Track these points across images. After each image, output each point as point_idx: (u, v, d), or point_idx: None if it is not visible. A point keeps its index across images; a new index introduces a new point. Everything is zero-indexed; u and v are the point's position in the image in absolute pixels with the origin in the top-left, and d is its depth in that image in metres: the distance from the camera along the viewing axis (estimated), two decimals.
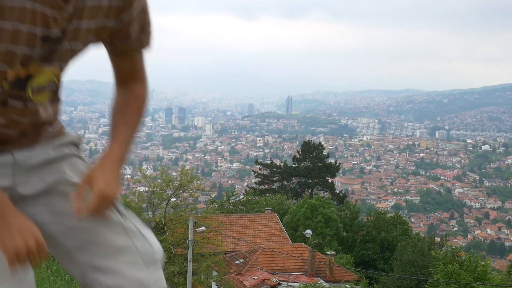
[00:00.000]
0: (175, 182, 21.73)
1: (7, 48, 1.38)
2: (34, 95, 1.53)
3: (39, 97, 1.56)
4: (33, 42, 1.41)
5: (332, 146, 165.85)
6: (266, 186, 47.35)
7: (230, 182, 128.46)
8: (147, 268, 1.57)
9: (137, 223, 1.65)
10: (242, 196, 43.22)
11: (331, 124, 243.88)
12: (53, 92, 1.64)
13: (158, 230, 20.44)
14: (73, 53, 1.55)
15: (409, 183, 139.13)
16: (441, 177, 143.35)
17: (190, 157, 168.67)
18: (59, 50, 1.49)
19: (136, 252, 1.58)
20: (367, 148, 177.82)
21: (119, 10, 1.53)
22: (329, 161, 49.85)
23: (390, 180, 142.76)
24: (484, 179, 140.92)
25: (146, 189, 21.70)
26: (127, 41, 1.61)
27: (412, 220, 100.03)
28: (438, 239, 36.10)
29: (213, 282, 22.16)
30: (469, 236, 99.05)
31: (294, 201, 41.43)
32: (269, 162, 50.64)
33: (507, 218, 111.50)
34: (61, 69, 1.57)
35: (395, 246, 33.14)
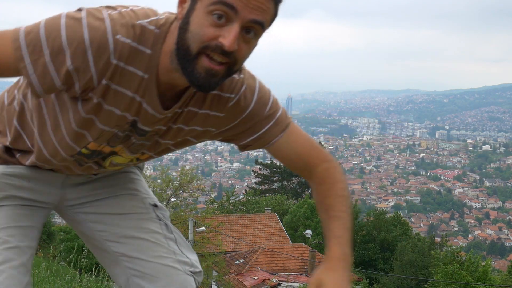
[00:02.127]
0: (175, 182, 21.73)
1: (99, 125, 1.46)
2: (110, 166, 1.64)
3: (115, 167, 1.67)
4: (122, 126, 1.47)
5: (332, 146, 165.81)
6: (266, 186, 47.32)
7: (230, 182, 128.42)
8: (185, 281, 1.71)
9: (181, 241, 1.78)
10: (242, 196, 43.21)
11: (331, 124, 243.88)
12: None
13: None
14: (161, 147, 1.57)
15: (409, 183, 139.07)
16: (441, 177, 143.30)
17: (190, 157, 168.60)
18: (145, 145, 1.55)
19: (177, 267, 1.71)
20: (367, 148, 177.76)
21: (218, 120, 1.53)
22: None
23: (390, 180, 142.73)
24: (484, 179, 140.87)
25: None
26: (248, 142, 1.58)
27: (412, 220, 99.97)
28: (438, 239, 36.06)
29: (213, 282, 22.15)
30: (469, 236, 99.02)
31: (294, 201, 41.40)
32: (269, 162, 50.60)
33: (507, 218, 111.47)
34: (147, 154, 1.61)
35: (395, 246, 33.11)
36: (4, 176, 1.63)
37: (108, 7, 1.38)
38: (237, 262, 24.80)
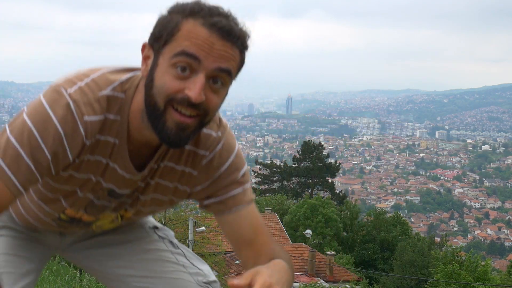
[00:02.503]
0: None
1: (71, 189, 1.46)
2: (97, 228, 1.66)
3: (103, 227, 1.67)
4: (97, 192, 1.47)
5: (332, 146, 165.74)
6: (266, 186, 47.34)
7: None
8: None
9: (190, 255, 1.77)
10: None
11: (331, 124, 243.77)
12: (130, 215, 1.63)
13: None
14: (143, 203, 1.56)
15: (409, 183, 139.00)
16: (441, 177, 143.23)
17: None
18: (126, 202, 1.55)
19: (189, 279, 1.70)
20: (367, 148, 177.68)
21: (191, 178, 1.51)
22: (329, 161, 49.81)
23: (390, 180, 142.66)
24: (484, 179, 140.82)
25: None
26: (215, 204, 1.54)
27: (412, 220, 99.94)
28: (438, 239, 36.11)
29: None
30: (469, 236, 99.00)
31: (294, 201, 41.42)
32: (269, 162, 50.63)
33: (507, 218, 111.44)
34: (131, 211, 1.59)
35: (395, 246, 33.13)
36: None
37: (67, 82, 1.34)
38: (237, 262, 24.79)
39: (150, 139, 1.40)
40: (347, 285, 22.61)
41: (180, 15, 1.28)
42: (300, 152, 48.22)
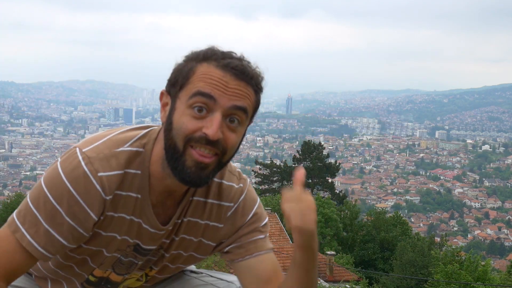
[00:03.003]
0: None
1: (97, 248, 1.47)
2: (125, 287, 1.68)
3: (131, 286, 1.67)
4: (124, 250, 1.49)
5: (332, 146, 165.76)
6: (266, 186, 47.35)
7: None
8: None
9: (214, 273, 1.79)
10: None
11: (331, 124, 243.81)
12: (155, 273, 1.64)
13: None
14: (168, 260, 1.57)
15: (409, 183, 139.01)
16: (441, 177, 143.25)
17: None
18: (152, 260, 1.56)
19: None
20: (367, 148, 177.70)
21: (217, 232, 1.54)
22: (329, 161, 49.82)
23: (390, 180, 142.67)
24: (484, 179, 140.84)
25: None
26: (238, 251, 1.57)
27: (412, 220, 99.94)
28: (438, 239, 36.06)
29: None
30: (469, 236, 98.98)
31: None
32: (269, 162, 50.63)
33: (507, 218, 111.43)
34: (156, 269, 1.61)
35: (395, 246, 33.12)
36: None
37: (84, 143, 1.39)
38: None
39: (172, 188, 1.42)
40: (347, 285, 22.61)
41: (195, 60, 1.34)
42: (300, 152, 48.23)
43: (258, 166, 50.78)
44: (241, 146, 1.40)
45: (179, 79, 1.34)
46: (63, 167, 1.34)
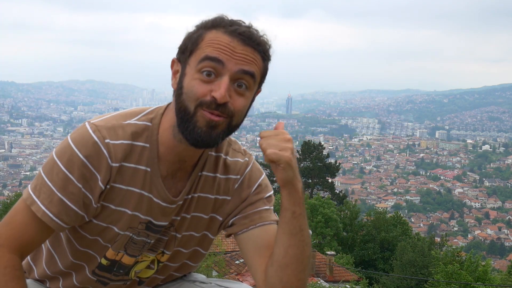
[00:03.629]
0: None
1: (108, 225, 1.50)
2: (135, 276, 1.65)
3: (140, 274, 1.66)
4: (136, 228, 1.50)
5: (332, 146, 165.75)
6: None
7: None
8: None
9: (222, 283, 1.81)
10: None
11: (331, 124, 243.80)
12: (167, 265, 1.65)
13: None
14: (178, 241, 1.59)
15: (409, 183, 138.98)
16: (441, 177, 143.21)
17: None
18: (164, 240, 1.57)
19: None
20: (367, 148, 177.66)
21: (225, 205, 1.58)
22: (329, 161, 49.78)
23: (390, 180, 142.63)
24: (484, 179, 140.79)
25: None
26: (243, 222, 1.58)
27: (412, 220, 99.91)
28: (438, 239, 36.05)
29: None
30: (469, 236, 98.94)
31: None
32: None
33: (507, 218, 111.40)
34: (168, 254, 1.62)
35: (395, 246, 33.10)
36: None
37: (94, 118, 1.46)
38: (237, 262, 24.79)
39: (183, 158, 1.47)
40: (347, 285, 22.59)
41: (204, 28, 1.39)
42: (300, 152, 48.18)
43: None
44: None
45: (188, 46, 1.38)
46: (72, 137, 1.40)
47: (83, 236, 1.52)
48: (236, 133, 1.46)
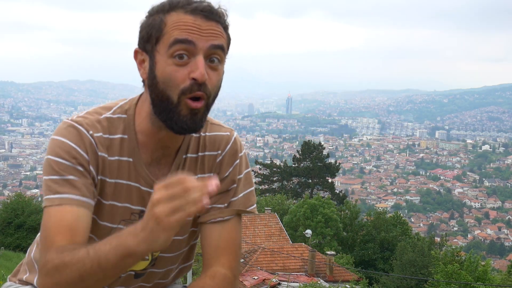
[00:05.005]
0: None
1: (101, 223, 1.48)
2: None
3: (135, 267, 1.58)
4: (128, 220, 1.49)
5: (332, 146, 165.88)
6: (266, 186, 47.37)
7: None
8: None
9: None
10: None
11: (331, 124, 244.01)
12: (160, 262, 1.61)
13: None
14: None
15: (409, 183, 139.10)
16: (441, 177, 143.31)
17: None
18: None
19: None
20: (367, 148, 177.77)
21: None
22: (329, 161, 49.84)
23: (390, 180, 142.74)
24: (484, 179, 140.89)
25: None
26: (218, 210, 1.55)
27: (412, 220, 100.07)
28: (438, 239, 36.07)
29: None
30: (469, 236, 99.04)
31: (294, 201, 41.44)
32: (269, 162, 50.64)
33: (507, 218, 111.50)
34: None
35: (395, 246, 33.13)
36: None
37: (71, 116, 1.45)
38: None
39: (165, 143, 1.47)
40: (347, 285, 22.61)
41: (162, 12, 1.37)
42: (300, 152, 48.23)
43: (258, 166, 50.77)
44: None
45: (152, 33, 1.36)
46: (55, 134, 1.42)
47: None
48: (236, 133, 1.45)
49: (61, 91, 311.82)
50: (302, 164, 47.03)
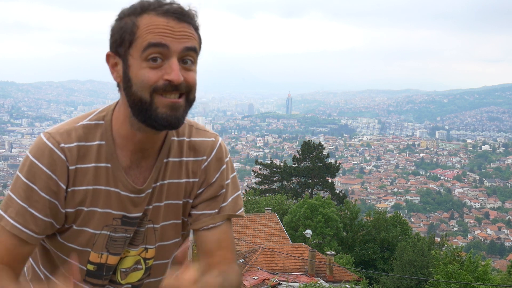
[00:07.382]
0: None
1: (80, 229, 1.49)
2: (123, 278, 1.60)
3: (130, 279, 1.60)
4: (111, 226, 1.50)
5: (332, 146, 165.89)
6: (266, 186, 47.32)
7: None
8: None
9: None
10: (242, 196, 43.14)
11: (331, 124, 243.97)
12: (154, 268, 1.61)
13: None
14: (158, 233, 1.56)
15: (409, 183, 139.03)
16: (441, 177, 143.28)
17: None
18: (142, 232, 1.55)
19: None
20: (367, 148, 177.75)
21: (194, 187, 1.56)
22: (329, 161, 49.80)
23: (390, 180, 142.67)
24: (484, 179, 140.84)
25: None
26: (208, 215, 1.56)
27: (412, 220, 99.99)
28: (438, 239, 36.06)
29: None
30: (469, 236, 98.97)
31: (294, 201, 41.40)
32: (269, 162, 50.59)
33: (507, 218, 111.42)
34: (151, 249, 1.58)
35: (395, 246, 33.13)
36: None
37: (49, 128, 1.47)
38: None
39: (145, 145, 1.47)
40: (347, 285, 22.61)
41: (133, 15, 1.37)
42: (300, 152, 48.20)
43: (258, 166, 50.72)
44: (241, 146, 1.31)
45: (125, 37, 1.36)
46: (29, 151, 1.43)
47: (62, 245, 1.52)
48: (236, 133, 1.43)
49: (61, 91, 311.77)
50: (302, 164, 47.00)
